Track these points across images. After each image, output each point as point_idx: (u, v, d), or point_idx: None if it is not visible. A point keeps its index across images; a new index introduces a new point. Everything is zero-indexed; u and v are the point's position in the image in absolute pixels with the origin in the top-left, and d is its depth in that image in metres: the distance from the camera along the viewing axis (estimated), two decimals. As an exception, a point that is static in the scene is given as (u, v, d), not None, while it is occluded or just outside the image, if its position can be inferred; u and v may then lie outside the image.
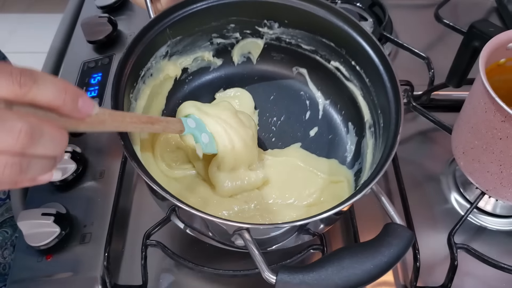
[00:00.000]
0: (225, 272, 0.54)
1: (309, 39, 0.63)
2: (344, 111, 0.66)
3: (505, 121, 0.49)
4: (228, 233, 0.45)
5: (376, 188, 0.46)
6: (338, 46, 0.61)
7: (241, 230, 0.43)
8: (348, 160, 0.63)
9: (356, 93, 0.62)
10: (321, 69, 0.65)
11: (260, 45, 0.67)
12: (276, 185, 0.59)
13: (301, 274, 0.39)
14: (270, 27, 0.64)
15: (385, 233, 0.42)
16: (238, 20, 0.63)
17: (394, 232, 0.41)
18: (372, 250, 0.40)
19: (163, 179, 0.57)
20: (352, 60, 0.60)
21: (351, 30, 0.58)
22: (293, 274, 0.39)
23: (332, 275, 0.38)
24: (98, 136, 0.68)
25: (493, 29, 0.56)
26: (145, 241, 0.54)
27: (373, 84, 0.58)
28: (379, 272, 0.39)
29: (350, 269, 0.39)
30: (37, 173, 0.32)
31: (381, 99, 0.56)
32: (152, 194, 0.55)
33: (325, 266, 0.39)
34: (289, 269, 0.39)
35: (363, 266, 0.39)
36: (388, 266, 0.39)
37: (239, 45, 0.67)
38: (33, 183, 0.32)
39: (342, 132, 0.65)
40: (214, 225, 0.48)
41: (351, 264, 0.39)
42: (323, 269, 0.39)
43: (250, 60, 0.70)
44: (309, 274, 0.38)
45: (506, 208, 0.64)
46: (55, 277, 0.56)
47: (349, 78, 0.62)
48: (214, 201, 0.56)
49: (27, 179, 0.32)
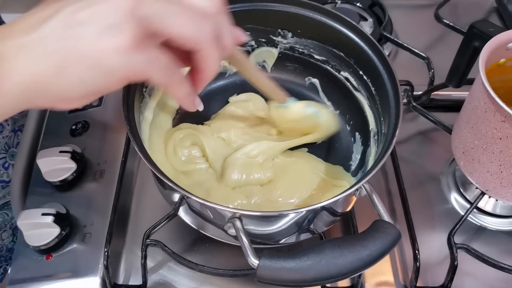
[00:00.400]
0: (225, 272, 0.54)
1: (320, 49, 0.65)
2: (352, 121, 0.66)
3: (505, 121, 0.49)
4: (224, 220, 0.46)
5: (369, 187, 0.46)
6: (348, 56, 0.62)
7: (234, 218, 0.44)
8: (352, 169, 0.63)
9: (363, 102, 0.63)
10: (332, 80, 0.67)
11: (275, 54, 0.69)
12: (281, 184, 0.59)
13: (282, 260, 0.39)
14: (284, 36, 0.66)
15: (371, 229, 0.42)
16: (253, 28, 0.65)
17: (380, 228, 0.42)
18: (355, 243, 0.40)
19: (171, 172, 0.58)
20: (360, 70, 0.61)
21: (359, 40, 0.59)
22: (275, 259, 0.39)
23: (313, 264, 0.39)
24: (98, 136, 0.68)
25: (493, 29, 0.56)
26: (145, 241, 0.54)
27: (377, 91, 0.58)
28: (361, 265, 0.39)
29: (331, 259, 0.39)
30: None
31: (384, 106, 0.56)
32: (160, 186, 0.55)
33: (307, 254, 0.39)
34: (271, 254, 0.40)
35: (345, 257, 0.39)
36: (371, 260, 0.40)
37: (254, 53, 0.69)
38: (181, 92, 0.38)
39: (349, 142, 0.66)
40: (213, 210, 0.48)
41: (333, 254, 0.39)
42: (305, 257, 0.39)
43: (264, 69, 0.71)
44: (291, 261, 0.39)
45: (506, 208, 0.64)
46: (55, 277, 0.56)
47: (357, 88, 0.63)
48: (217, 193, 0.57)
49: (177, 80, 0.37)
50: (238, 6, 0.61)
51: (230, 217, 0.44)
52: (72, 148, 0.63)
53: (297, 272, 0.39)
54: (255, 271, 0.39)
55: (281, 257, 0.39)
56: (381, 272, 0.58)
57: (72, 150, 0.63)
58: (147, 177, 0.66)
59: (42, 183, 0.62)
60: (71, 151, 0.62)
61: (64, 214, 0.59)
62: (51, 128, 0.70)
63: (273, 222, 0.48)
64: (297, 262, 0.39)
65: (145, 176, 0.67)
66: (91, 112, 0.71)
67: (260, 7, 0.62)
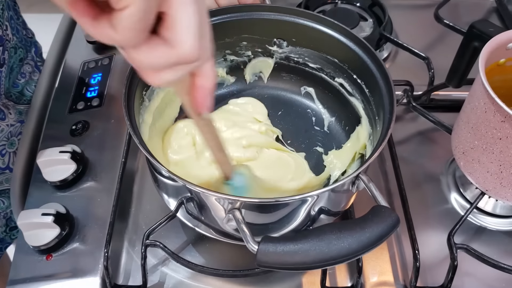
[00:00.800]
0: (225, 272, 0.55)
1: (315, 57, 0.66)
2: (348, 127, 0.67)
3: (505, 121, 0.49)
4: (223, 214, 0.47)
5: (366, 178, 0.47)
6: (342, 62, 0.63)
7: (234, 209, 0.44)
8: (349, 173, 0.63)
9: (358, 106, 0.63)
10: (327, 87, 0.68)
11: (271, 64, 0.70)
12: (260, 166, 0.61)
13: (282, 243, 0.39)
14: (279, 45, 0.66)
15: (370, 213, 0.42)
16: (250, 38, 0.66)
17: (379, 213, 0.42)
18: (355, 227, 0.41)
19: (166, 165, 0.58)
20: (354, 74, 0.62)
21: (351, 43, 0.59)
22: (275, 243, 0.39)
23: (313, 246, 0.39)
24: (98, 136, 0.68)
25: (493, 29, 0.56)
26: (145, 241, 0.54)
27: (372, 92, 0.59)
28: (360, 248, 0.40)
29: (331, 241, 0.39)
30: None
31: (378, 104, 0.57)
32: (157, 187, 0.55)
33: (308, 236, 0.40)
34: (271, 239, 0.40)
35: (345, 239, 0.40)
36: (370, 243, 0.40)
37: (251, 64, 0.70)
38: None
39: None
40: (211, 203, 0.49)
41: (333, 237, 0.40)
42: (305, 239, 0.39)
43: (261, 79, 0.72)
44: (291, 244, 0.39)
45: (506, 208, 0.64)
46: (55, 277, 0.56)
47: (352, 93, 0.64)
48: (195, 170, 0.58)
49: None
50: (234, 16, 0.62)
51: (230, 208, 0.45)
52: (72, 148, 0.63)
53: (297, 255, 0.39)
54: (255, 260, 0.39)
55: (281, 241, 0.40)
56: (381, 272, 0.58)
57: (72, 150, 0.63)
58: (147, 177, 0.67)
59: (42, 183, 0.63)
60: (71, 151, 0.62)
61: (64, 214, 0.59)
62: (51, 128, 0.70)
63: (272, 211, 0.49)
64: (297, 245, 0.39)
65: (145, 176, 0.67)
66: (91, 112, 0.71)
67: (256, 16, 0.63)
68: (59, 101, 0.73)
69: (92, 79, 0.75)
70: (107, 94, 0.72)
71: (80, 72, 0.77)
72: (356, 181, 0.48)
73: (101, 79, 0.75)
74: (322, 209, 0.51)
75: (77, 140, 0.67)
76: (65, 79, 0.76)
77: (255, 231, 0.42)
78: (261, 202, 0.47)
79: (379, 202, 0.44)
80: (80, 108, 0.71)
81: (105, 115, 0.70)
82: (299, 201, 0.47)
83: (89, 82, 0.75)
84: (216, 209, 0.49)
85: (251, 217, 0.48)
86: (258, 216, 0.49)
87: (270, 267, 0.40)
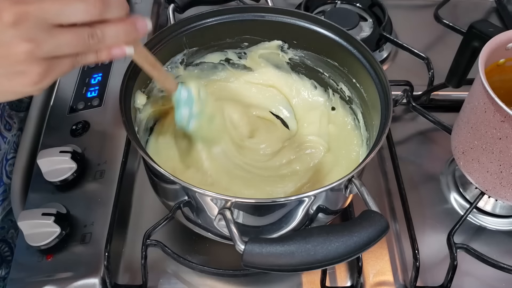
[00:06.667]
0: (225, 272, 0.55)
1: (315, 60, 0.65)
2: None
3: (505, 121, 0.49)
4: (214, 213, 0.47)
5: (358, 183, 0.47)
6: (341, 65, 0.62)
7: (224, 208, 0.44)
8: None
9: (356, 111, 0.63)
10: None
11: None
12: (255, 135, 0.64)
13: (269, 244, 0.39)
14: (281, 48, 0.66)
15: (360, 217, 0.42)
16: (251, 39, 0.65)
17: (368, 218, 0.42)
18: (343, 230, 0.41)
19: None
20: (353, 78, 0.61)
21: (351, 47, 0.59)
22: (261, 244, 0.39)
23: (299, 248, 0.39)
24: (99, 136, 0.68)
25: (492, 29, 0.56)
26: (145, 241, 0.54)
27: (369, 96, 0.59)
28: (347, 252, 0.40)
29: (318, 244, 0.39)
30: (112, 42, 0.38)
31: (374, 111, 0.56)
32: (156, 189, 0.55)
33: (294, 239, 0.40)
34: (258, 240, 0.40)
35: (331, 243, 0.39)
36: (357, 247, 0.40)
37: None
38: (109, 55, 0.39)
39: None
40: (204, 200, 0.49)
41: (320, 240, 0.39)
42: (291, 241, 0.39)
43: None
44: (277, 245, 0.39)
45: (506, 208, 0.64)
46: (55, 277, 0.56)
47: (351, 99, 0.64)
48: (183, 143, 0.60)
49: (105, 47, 0.38)
50: (235, 17, 0.62)
51: (221, 207, 0.45)
52: (73, 148, 0.63)
53: (283, 257, 0.39)
54: (241, 261, 0.39)
55: (267, 242, 0.39)
56: (381, 272, 0.58)
57: (72, 150, 0.63)
58: (147, 177, 0.67)
59: (42, 183, 0.62)
60: (71, 151, 0.62)
61: (64, 214, 0.59)
62: (51, 128, 0.70)
63: (265, 212, 0.49)
64: (283, 246, 0.39)
65: (145, 176, 0.67)
66: (91, 112, 0.71)
67: (257, 18, 0.62)
68: (60, 101, 0.73)
69: (92, 79, 0.75)
70: (107, 94, 0.72)
71: (80, 72, 0.76)
72: (349, 185, 0.48)
73: (101, 79, 0.75)
74: (320, 207, 0.51)
75: (77, 140, 0.67)
76: (65, 80, 0.76)
77: (253, 233, 0.42)
78: (257, 202, 0.47)
79: (370, 206, 0.44)
80: (81, 108, 0.71)
81: (105, 115, 0.70)
82: (296, 202, 0.47)
83: (89, 82, 0.75)
84: (209, 208, 0.49)
85: (245, 219, 0.48)
86: (251, 217, 0.49)
87: (256, 268, 0.40)
